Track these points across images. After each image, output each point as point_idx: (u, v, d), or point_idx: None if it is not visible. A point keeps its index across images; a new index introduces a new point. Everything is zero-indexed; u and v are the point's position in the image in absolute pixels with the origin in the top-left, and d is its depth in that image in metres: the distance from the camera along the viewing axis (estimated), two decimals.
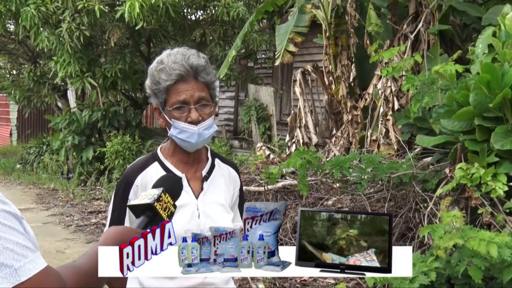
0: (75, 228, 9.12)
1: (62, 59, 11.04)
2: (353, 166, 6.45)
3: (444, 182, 5.85)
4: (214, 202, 2.13)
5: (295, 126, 9.81)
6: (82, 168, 12.55)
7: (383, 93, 8.02)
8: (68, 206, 10.83)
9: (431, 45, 7.92)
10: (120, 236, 1.55)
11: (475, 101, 5.51)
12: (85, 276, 1.37)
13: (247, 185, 7.38)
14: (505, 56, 5.64)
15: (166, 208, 1.66)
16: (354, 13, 8.25)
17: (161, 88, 2.02)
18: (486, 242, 3.88)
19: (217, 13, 11.15)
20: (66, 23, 10.55)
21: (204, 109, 2.04)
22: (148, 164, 2.12)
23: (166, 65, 2.01)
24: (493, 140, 5.36)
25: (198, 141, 2.03)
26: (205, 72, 2.04)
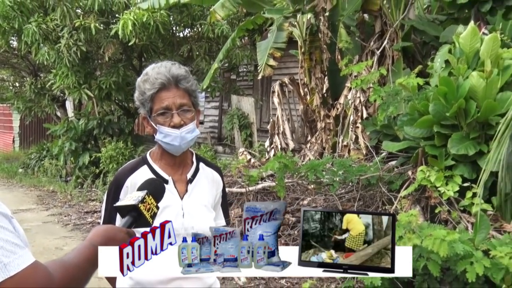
0: (73, 227, 9.04)
1: (60, 72, 11.00)
2: (326, 169, 6.46)
3: (407, 183, 5.90)
4: (198, 202, 2.12)
5: (273, 133, 9.81)
6: (79, 172, 12.46)
7: (353, 103, 8.05)
8: (66, 206, 10.73)
9: (395, 60, 7.98)
10: (107, 233, 1.54)
11: (434, 110, 5.59)
12: (72, 270, 1.35)
13: (230, 187, 7.36)
14: (460, 71, 5.71)
15: (150, 209, 1.65)
16: (327, 31, 8.28)
17: (146, 97, 2.03)
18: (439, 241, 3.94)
19: (203, 31, 11.16)
20: (64, 39, 10.53)
21: (185, 114, 2.03)
22: (138, 167, 2.12)
23: (150, 76, 2.02)
24: (449, 145, 5.43)
25: (181, 144, 2.03)
26: (185, 80, 2.04)
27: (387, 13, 8.34)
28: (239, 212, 6.81)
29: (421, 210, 5.51)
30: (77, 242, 7.88)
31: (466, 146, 5.37)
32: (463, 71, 5.68)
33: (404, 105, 6.36)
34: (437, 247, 3.89)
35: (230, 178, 7.86)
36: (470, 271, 4.01)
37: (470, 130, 5.48)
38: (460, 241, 4.09)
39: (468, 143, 5.39)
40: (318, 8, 8.33)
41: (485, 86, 5.40)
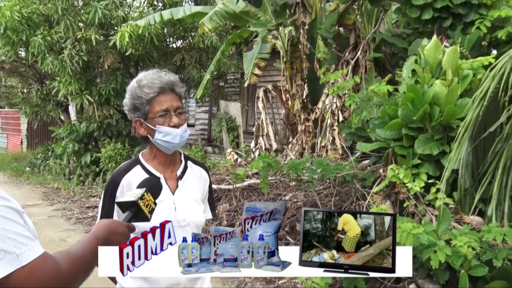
0: (75, 221, 8.98)
1: (64, 80, 10.96)
2: (306, 168, 6.44)
3: (379, 180, 5.92)
4: (188, 197, 2.11)
5: (258, 135, 9.82)
6: (81, 170, 12.40)
7: (330, 107, 8.07)
8: (69, 202, 10.65)
9: (368, 69, 8.01)
10: (109, 227, 1.54)
11: (402, 114, 5.61)
12: (78, 260, 1.34)
13: (218, 184, 7.35)
14: (425, 79, 5.75)
15: (148, 205, 1.65)
16: (306, 43, 8.30)
17: (143, 101, 2.02)
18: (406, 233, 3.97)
19: (194, 42, 11.16)
20: (67, 50, 10.50)
21: (181, 115, 2.06)
22: (132, 167, 2.11)
23: (147, 82, 2.02)
24: (416, 146, 5.45)
25: (180, 142, 2.04)
26: (178, 86, 2.07)
27: (360, 27, 8.38)
28: (227, 207, 6.81)
29: (391, 204, 5.53)
30: (79, 234, 7.83)
31: (430, 146, 5.40)
32: (428, 80, 5.72)
33: (376, 110, 6.36)
34: (404, 240, 3.92)
35: (219, 176, 7.84)
36: (433, 258, 4.04)
37: (434, 132, 5.50)
38: (425, 232, 4.12)
39: (433, 144, 5.42)
40: (298, 22, 8.34)
41: (447, 93, 5.44)
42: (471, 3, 6.53)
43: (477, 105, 4.93)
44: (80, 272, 1.34)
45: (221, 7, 8.93)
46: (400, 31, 8.37)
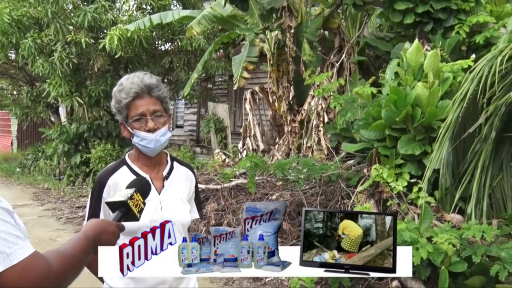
0: (65, 220, 8.92)
1: (54, 82, 10.86)
2: (292, 168, 6.45)
3: (363, 179, 5.95)
4: (174, 196, 2.10)
5: (246, 136, 9.83)
6: (71, 171, 12.31)
7: (316, 109, 8.10)
8: (59, 202, 10.57)
9: (352, 72, 8.05)
10: (99, 226, 1.53)
11: (386, 116, 5.65)
12: (68, 259, 1.34)
13: (207, 183, 7.35)
14: (407, 82, 5.79)
15: (137, 205, 1.64)
16: (292, 46, 8.32)
17: (122, 105, 2.01)
18: None
19: (182, 44, 11.15)
20: (57, 52, 10.43)
21: (158, 119, 2.02)
22: (118, 168, 2.10)
23: (125, 86, 2.00)
24: (399, 146, 5.50)
25: (156, 146, 2.02)
26: (157, 89, 2.02)
27: (345, 31, 8.43)
28: (215, 207, 6.81)
29: (375, 203, 5.56)
30: (69, 234, 7.78)
31: (413, 147, 5.45)
32: (410, 82, 5.77)
33: (360, 111, 6.38)
34: None
35: (207, 176, 7.84)
36: (415, 255, 4.08)
37: (416, 133, 5.55)
38: (407, 230, 4.17)
39: (415, 144, 5.47)
40: (285, 25, 8.37)
41: (428, 95, 5.49)
42: (450, 9, 6.60)
43: (457, 107, 4.99)
44: (71, 271, 1.33)
45: (209, 11, 8.95)
46: (383, 35, 8.43)
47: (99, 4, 10.37)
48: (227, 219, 6.50)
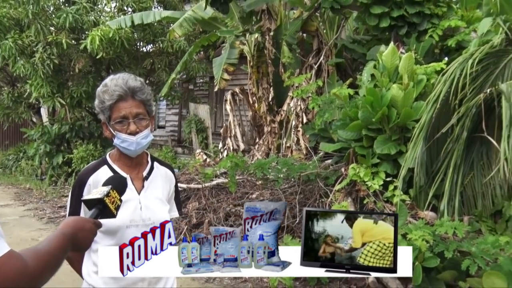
0: (47, 220, 8.79)
1: (36, 83, 10.68)
2: (272, 167, 6.46)
3: (341, 178, 5.99)
4: (153, 197, 2.08)
5: (226, 136, 9.83)
6: (53, 171, 12.14)
7: (295, 110, 8.13)
8: (41, 202, 10.41)
9: (330, 73, 8.11)
10: (76, 224, 1.50)
11: (362, 116, 5.70)
12: (45, 257, 1.30)
13: (188, 183, 7.32)
14: (383, 83, 5.85)
15: (114, 202, 1.61)
16: (272, 48, 8.34)
17: (105, 106, 1.98)
18: None
19: (164, 46, 11.08)
20: (39, 53, 10.27)
21: (141, 122, 1.99)
22: (99, 167, 2.07)
23: (109, 88, 1.97)
24: (375, 146, 5.56)
25: (136, 149, 2.00)
26: (141, 92, 2.00)
27: (323, 34, 8.49)
28: (196, 206, 6.79)
29: (352, 201, 5.60)
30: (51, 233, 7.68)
31: (388, 146, 5.52)
32: (386, 84, 5.83)
33: (338, 112, 6.42)
34: None
35: (188, 175, 7.80)
36: None
37: (392, 133, 5.62)
38: None
39: (390, 144, 5.53)
40: (264, 28, 8.40)
41: (403, 97, 5.55)
42: (424, 13, 6.70)
43: (431, 108, 5.07)
44: (47, 269, 1.30)
45: (191, 14, 8.93)
46: (360, 38, 8.52)
47: (80, 5, 10.24)
48: (208, 217, 6.48)
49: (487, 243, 4.16)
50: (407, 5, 6.66)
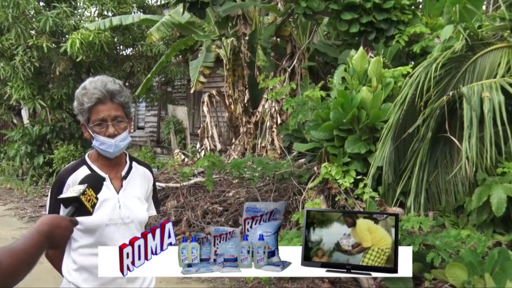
0: (28, 219, 8.61)
1: (16, 85, 10.46)
2: (247, 166, 6.46)
3: (313, 177, 6.00)
4: (132, 196, 2.06)
5: (203, 137, 9.78)
6: (34, 171, 11.90)
7: (269, 111, 8.14)
8: (22, 201, 10.19)
9: (303, 76, 8.13)
10: (52, 221, 1.47)
11: (334, 117, 5.74)
12: (19, 254, 1.28)
13: (166, 182, 7.26)
14: (353, 86, 5.90)
15: (90, 200, 1.59)
16: (247, 52, 8.33)
17: (84, 109, 1.94)
18: None
19: (143, 50, 10.97)
20: (19, 56, 10.04)
21: (119, 124, 1.96)
22: (78, 167, 2.03)
23: (88, 90, 1.93)
24: (346, 146, 5.60)
25: (115, 151, 1.97)
26: (119, 95, 1.96)
27: (296, 38, 8.50)
28: (175, 204, 6.74)
29: (324, 199, 5.62)
30: None
31: (359, 146, 5.56)
32: (356, 86, 5.88)
33: (310, 113, 6.45)
34: None
35: (167, 175, 7.74)
36: None
37: (361, 133, 5.66)
38: None
39: (360, 144, 5.58)
40: (240, 33, 8.38)
41: (372, 98, 5.61)
42: (391, 20, 6.79)
43: (398, 109, 5.13)
44: (22, 266, 1.27)
45: (168, 18, 8.86)
46: (331, 42, 8.57)
47: (60, 9, 10.04)
48: (186, 215, 6.44)
49: (450, 236, 4.23)
50: (375, 12, 6.74)
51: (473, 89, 4.86)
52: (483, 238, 4.31)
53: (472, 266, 3.83)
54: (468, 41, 5.35)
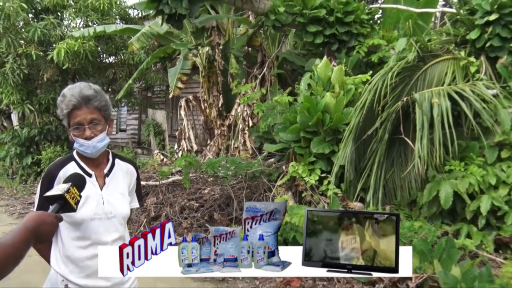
0: (18, 215, 8.40)
1: (6, 90, 10.27)
2: (222, 166, 6.42)
3: (282, 175, 5.99)
4: (115, 192, 2.03)
5: (181, 138, 9.68)
6: (23, 171, 11.66)
7: (241, 115, 8.09)
8: (12, 199, 9.93)
9: (272, 83, 8.11)
10: (39, 218, 1.44)
11: (300, 120, 5.72)
12: (8, 249, 1.27)
13: (147, 180, 7.11)
14: (318, 92, 5.90)
15: (74, 197, 1.58)
16: (221, 60, 8.27)
17: (64, 114, 1.93)
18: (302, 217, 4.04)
19: (125, 58, 10.83)
20: (9, 63, 9.87)
21: (96, 127, 1.93)
22: (68, 162, 2.00)
23: (65, 98, 1.92)
24: (312, 146, 5.59)
25: (93, 152, 1.94)
26: (94, 99, 1.93)
27: (266, 48, 8.48)
28: (154, 200, 6.62)
29: (292, 195, 5.61)
30: None
31: (323, 146, 5.55)
32: (320, 92, 5.87)
33: (279, 117, 6.44)
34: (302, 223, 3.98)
35: (147, 173, 7.61)
36: None
37: (326, 135, 5.65)
38: None
39: (325, 145, 5.57)
40: (214, 43, 8.31)
41: (335, 103, 5.61)
42: (352, 32, 6.83)
43: (358, 113, 5.14)
44: (10, 260, 1.26)
45: (148, 29, 8.73)
46: (298, 52, 8.56)
47: (48, 21, 9.88)
48: (165, 211, 6.33)
49: (404, 227, 4.27)
50: (338, 25, 6.76)
51: (424, 95, 4.90)
52: (433, 228, 4.38)
53: (423, 253, 3.88)
54: (419, 52, 5.41)
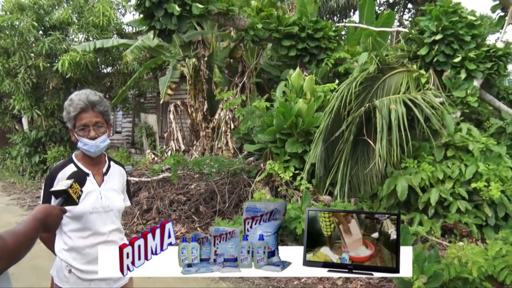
0: (28, 208, 8.37)
1: (18, 98, 10.34)
2: (206, 164, 6.38)
3: (260, 172, 5.98)
4: (111, 188, 2.04)
5: (170, 139, 9.60)
6: (32, 168, 11.55)
7: (224, 118, 8.05)
8: (23, 193, 9.91)
9: (251, 90, 8.11)
10: (46, 210, 1.45)
11: (276, 123, 5.72)
12: (20, 236, 1.28)
13: (139, 177, 7.01)
14: (292, 98, 5.90)
15: (76, 192, 1.59)
16: (206, 70, 8.22)
17: (71, 117, 1.93)
18: None
19: (120, 68, 10.73)
20: (21, 74, 9.91)
21: (99, 129, 1.95)
22: (66, 165, 2.00)
23: (73, 102, 1.93)
24: (286, 146, 5.59)
25: (96, 151, 1.95)
26: (99, 105, 1.95)
27: (246, 60, 8.46)
28: (146, 195, 6.53)
29: (269, 190, 5.60)
30: None
31: (296, 147, 5.56)
32: (294, 99, 5.88)
33: (258, 120, 6.44)
34: None
35: (140, 171, 7.51)
36: (298, 227, 4.15)
37: (298, 136, 5.66)
38: (293, 209, 4.22)
39: (298, 145, 5.58)
40: (200, 54, 8.26)
41: (307, 109, 5.63)
42: (321, 47, 6.88)
43: (327, 117, 5.16)
44: (23, 246, 1.28)
45: (140, 43, 8.65)
46: (274, 63, 8.57)
47: (55, 36, 9.87)
48: (156, 204, 6.26)
49: None
50: (308, 40, 6.80)
51: (383, 102, 4.95)
52: None
53: None
54: (379, 65, 5.47)
